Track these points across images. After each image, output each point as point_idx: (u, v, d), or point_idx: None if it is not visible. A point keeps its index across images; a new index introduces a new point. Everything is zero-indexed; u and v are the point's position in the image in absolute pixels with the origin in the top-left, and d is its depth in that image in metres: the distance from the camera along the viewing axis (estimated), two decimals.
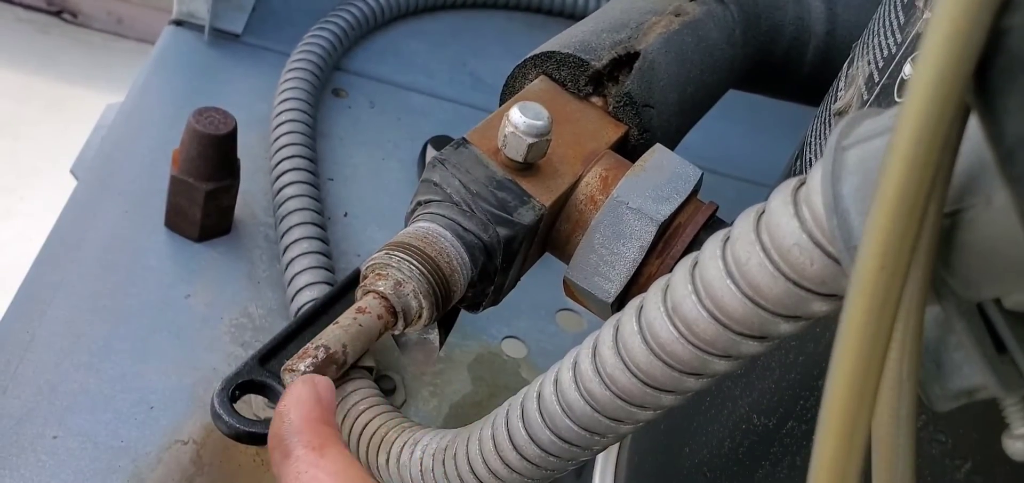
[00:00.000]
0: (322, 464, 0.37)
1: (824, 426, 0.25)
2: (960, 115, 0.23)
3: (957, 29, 0.21)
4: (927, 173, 0.23)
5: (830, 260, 0.31)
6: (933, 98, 0.22)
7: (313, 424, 0.38)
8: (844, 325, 0.24)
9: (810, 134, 0.56)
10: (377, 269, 0.50)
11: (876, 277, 0.23)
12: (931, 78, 0.22)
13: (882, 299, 0.23)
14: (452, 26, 1.27)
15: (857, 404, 0.25)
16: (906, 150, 0.23)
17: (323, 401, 0.40)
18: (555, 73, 0.63)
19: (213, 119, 0.79)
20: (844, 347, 0.24)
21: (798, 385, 0.46)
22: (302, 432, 0.38)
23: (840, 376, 0.25)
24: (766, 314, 0.33)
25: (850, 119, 0.30)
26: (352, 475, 0.36)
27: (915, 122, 0.22)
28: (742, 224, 0.34)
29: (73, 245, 0.82)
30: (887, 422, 0.27)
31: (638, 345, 0.38)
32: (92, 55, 2.30)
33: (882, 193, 0.23)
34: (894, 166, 0.23)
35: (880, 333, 0.24)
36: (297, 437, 0.38)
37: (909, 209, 0.23)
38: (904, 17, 0.46)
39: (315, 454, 0.37)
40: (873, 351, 0.24)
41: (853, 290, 0.24)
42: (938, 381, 0.28)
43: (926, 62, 0.22)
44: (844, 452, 0.25)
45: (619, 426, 0.41)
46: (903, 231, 0.23)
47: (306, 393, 0.40)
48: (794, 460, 0.45)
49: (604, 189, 0.56)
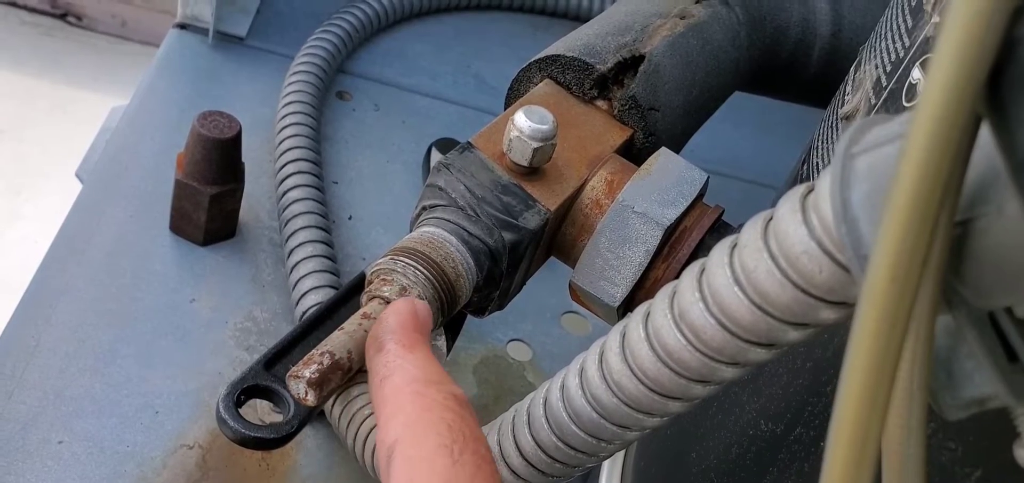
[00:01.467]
0: (409, 358, 0.40)
1: (835, 436, 0.25)
2: (972, 124, 0.23)
3: (969, 38, 0.21)
4: (938, 182, 0.23)
5: (839, 268, 0.30)
6: (945, 107, 0.22)
7: (407, 329, 0.42)
8: (855, 336, 0.24)
9: (817, 138, 0.56)
10: (382, 274, 0.50)
11: (888, 287, 0.23)
12: (943, 87, 0.22)
13: (893, 309, 0.23)
14: (456, 28, 1.27)
15: (868, 414, 0.25)
16: (918, 159, 0.22)
17: (420, 317, 0.44)
18: (560, 77, 0.62)
19: (218, 123, 0.79)
20: (855, 357, 0.24)
21: (806, 391, 0.46)
22: (396, 332, 0.42)
23: (852, 386, 0.24)
24: (774, 321, 0.33)
25: (859, 126, 0.29)
26: (433, 371, 0.40)
27: (927, 131, 0.22)
28: (750, 231, 0.34)
29: (78, 249, 0.82)
30: (898, 431, 0.26)
31: (645, 352, 0.38)
32: (97, 58, 2.30)
33: (893, 202, 0.23)
34: (905, 175, 0.23)
35: (891, 343, 0.24)
36: (391, 335, 0.42)
37: (920, 218, 0.23)
38: (912, 20, 0.46)
39: (404, 350, 0.41)
40: (884, 361, 0.24)
41: (864, 300, 0.24)
42: (949, 390, 0.28)
43: (938, 71, 0.22)
44: (855, 462, 0.25)
45: (626, 433, 0.41)
46: (914, 241, 0.23)
47: (405, 306, 0.44)
48: (802, 467, 0.45)
49: (609, 193, 0.56)
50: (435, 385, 0.39)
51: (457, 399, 0.38)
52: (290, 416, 0.46)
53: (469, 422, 0.37)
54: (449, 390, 0.39)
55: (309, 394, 0.44)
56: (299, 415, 0.46)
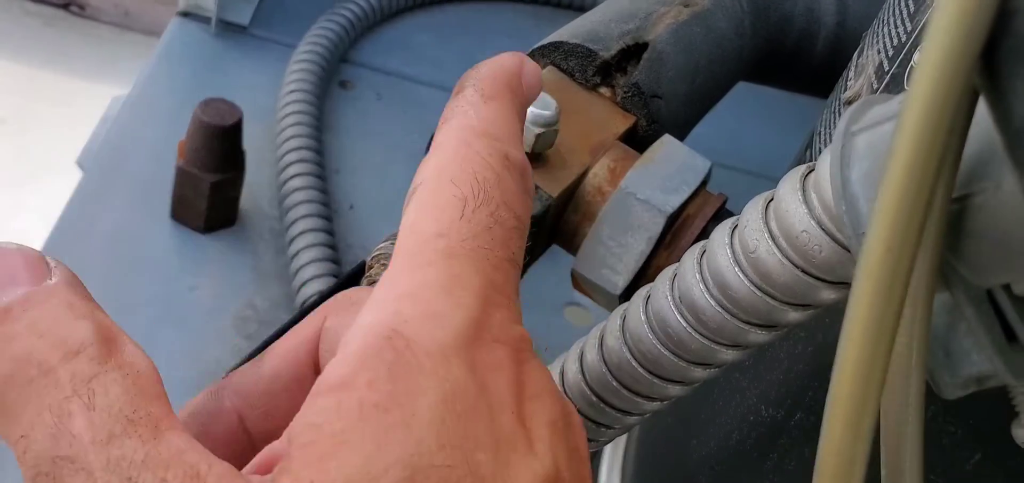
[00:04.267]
0: (478, 106, 0.35)
1: (831, 412, 0.25)
2: (967, 98, 0.23)
3: (964, 10, 0.21)
4: (934, 157, 0.22)
5: (839, 247, 0.30)
6: (940, 80, 0.22)
7: (495, 79, 0.36)
8: (851, 310, 0.24)
9: (820, 124, 0.56)
10: (382, 260, 0.50)
11: (883, 261, 0.23)
12: (938, 60, 0.22)
13: (889, 284, 0.23)
14: (459, 18, 1.27)
15: (864, 390, 0.24)
16: (912, 133, 0.22)
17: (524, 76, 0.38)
18: (563, 63, 0.62)
19: (219, 110, 0.79)
20: (851, 332, 0.24)
21: (807, 376, 0.45)
22: (481, 78, 0.36)
23: (847, 361, 0.24)
24: (774, 302, 0.33)
25: (859, 104, 0.29)
26: (498, 127, 0.34)
27: (921, 105, 0.22)
28: (750, 211, 0.34)
29: (79, 237, 0.82)
30: (895, 409, 0.26)
31: (645, 334, 0.38)
32: (99, 48, 2.30)
33: (889, 177, 0.23)
34: (900, 150, 0.23)
35: (887, 318, 0.24)
36: (473, 80, 0.36)
37: (916, 193, 0.23)
38: (914, 5, 0.46)
39: (479, 98, 0.35)
40: (880, 336, 0.24)
41: (860, 274, 0.24)
42: (947, 368, 0.28)
43: (932, 44, 0.22)
44: (851, 438, 0.25)
45: (626, 417, 0.41)
46: (910, 216, 0.23)
47: (509, 59, 0.38)
48: (803, 452, 0.45)
49: (612, 180, 0.56)
50: (488, 138, 0.33)
51: (505, 159, 0.33)
52: None
53: (505, 183, 0.32)
54: (501, 148, 0.33)
55: None
56: None
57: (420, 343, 0.27)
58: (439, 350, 0.27)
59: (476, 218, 0.31)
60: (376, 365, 0.26)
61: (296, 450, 0.25)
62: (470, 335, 0.28)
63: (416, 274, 0.29)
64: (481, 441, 0.26)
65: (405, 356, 0.27)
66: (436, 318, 0.28)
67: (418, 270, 0.29)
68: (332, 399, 0.26)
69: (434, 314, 0.28)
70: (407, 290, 0.28)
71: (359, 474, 0.24)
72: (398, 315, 0.28)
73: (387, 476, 0.24)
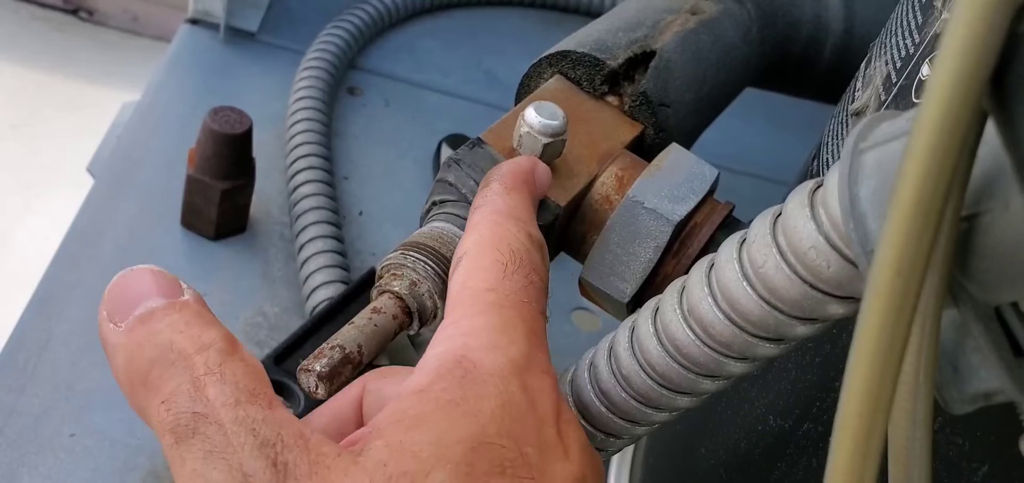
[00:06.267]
0: (504, 195, 0.43)
1: (840, 429, 0.25)
2: (977, 120, 0.23)
3: (974, 34, 0.21)
4: (944, 177, 0.23)
5: (847, 263, 0.31)
6: (950, 102, 0.22)
7: (515, 176, 0.45)
8: (860, 328, 0.24)
9: (827, 134, 0.56)
10: (392, 269, 0.50)
11: (893, 281, 0.23)
12: (948, 82, 0.22)
13: (899, 303, 0.23)
14: (467, 24, 1.27)
15: (873, 407, 0.25)
16: (923, 154, 0.22)
17: (536, 175, 0.47)
18: (570, 72, 0.62)
19: (229, 118, 0.79)
20: (860, 350, 0.24)
21: (815, 387, 0.46)
22: (504, 175, 0.45)
23: (856, 379, 0.25)
24: (782, 316, 0.33)
25: (868, 121, 0.30)
26: (521, 212, 0.42)
27: (932, 126, 0.22)
28: (759, 226, 0.34)
29: (90, 244, 0.83)
30: (903, 425, 0.27)
31: (654, 347, 0.38)
32: (108, 53, 2.31)
33: (898, 197, 0.23)
34: (911, 170, 0.23)
35: (896, 336, 0.24)
36: (498, 177, 0.45)
37: (925, 213, 0.23)
38: (922, 17, 0.46)
39: (503, 189, 0.43)
40: (889, 354, 0.24)
41: (869, 293, 0.24)
42: (955, 384, 0.28)
43: (943, 66, 0.22)
44: (860, 455, 0.25)
45: (634, 427, 0.41)
46: (920, 235, 0.23)
47: (525, 161, 0.47)
48: (810, 462, 0.45)
49: (619, 189, 0.56)
50: (514, 219, 0.42)
51: (531, 237, 0.41)
52: (300, 410, 0.46)
53: (532, 255, 0.40)
54: (527, 229, 0.42)
55: (319, 387, 0.45)
56: (309, 408, 0.46)
57: (484, 365, 0.34)
58: (499, 371, 0.34)
59: (515, 278, 0.39)
60: (449, 378, 0.33)
61: (385, 424, 0.32)
62: (522, 364, 0.35)
63: (476, 319, 0.36)
64: (529, 440, 0.33)
65: (472, 373, 0.34)
66: (496, 349, 0.35)
67: (477, 315, 0.36)
68: (414, 398, 0.33)
69: (494, 346, 0.35)
70: (470, 329, 0.36)
71: (436, 442, 0.31)
72: (466, 345, 0.35)
73: (458, 446, 0.31)
